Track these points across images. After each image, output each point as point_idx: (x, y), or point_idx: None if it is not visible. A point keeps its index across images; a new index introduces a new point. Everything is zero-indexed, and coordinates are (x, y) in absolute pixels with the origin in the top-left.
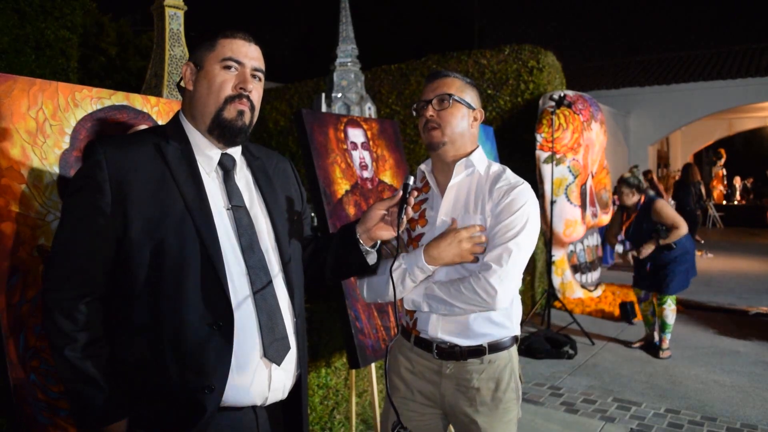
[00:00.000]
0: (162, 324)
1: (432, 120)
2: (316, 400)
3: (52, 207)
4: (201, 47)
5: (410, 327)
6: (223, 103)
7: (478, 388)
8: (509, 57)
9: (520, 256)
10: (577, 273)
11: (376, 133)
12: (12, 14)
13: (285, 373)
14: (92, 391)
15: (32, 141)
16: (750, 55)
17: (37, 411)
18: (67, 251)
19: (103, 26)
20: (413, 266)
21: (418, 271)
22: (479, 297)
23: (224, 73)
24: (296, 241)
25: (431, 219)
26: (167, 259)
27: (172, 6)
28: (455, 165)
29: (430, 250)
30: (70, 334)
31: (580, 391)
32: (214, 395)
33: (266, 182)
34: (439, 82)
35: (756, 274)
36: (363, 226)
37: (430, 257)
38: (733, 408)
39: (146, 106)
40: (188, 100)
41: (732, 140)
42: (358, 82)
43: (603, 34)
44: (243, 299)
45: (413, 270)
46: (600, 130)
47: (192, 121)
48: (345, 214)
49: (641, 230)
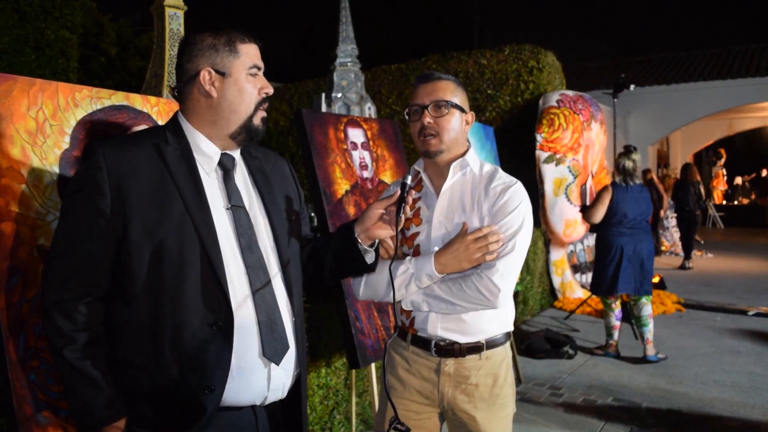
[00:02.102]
0: (162, 324)
1: (429, 127)
2: (316, 400)
3: (52, 207)
4: (218, 51)
5: (407, 326)
6: (254, 109)
7: (477, 384)
8: (509, 57)
9: (519, 253)
10: (577, 273)
11: (376, 133)
12: (12, 14)
13: (284, 373)
14: (92, 391)
15: (32, 141)
16: (750, 55)
17: (37, 411)
18: (67, 252)
19: (103, 26)
20: (422, 273)
21: (426, 278)
22: (482, 295)
23: (252, 80)
24: (295, 241)
25: (426, 218)
26: (167, 260)
27: (172, 6)
28: (450, 166)
29: (441, 257)
30: (70, 335)
31: (580, 391)
32: (213, 395)
33: (264, 182)
34: (434, 85)
35: (756, 274)
36: (361, 226)
37: (440, 265)
38: (733, 408)
39: (146, 106)
40: (205, 106)
41: (732, 140)
42: (358, 82)
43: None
44: (242, 299)
45: (421, 276)
46: (600, 130)
47: (205, 125)
48: (345, 214)
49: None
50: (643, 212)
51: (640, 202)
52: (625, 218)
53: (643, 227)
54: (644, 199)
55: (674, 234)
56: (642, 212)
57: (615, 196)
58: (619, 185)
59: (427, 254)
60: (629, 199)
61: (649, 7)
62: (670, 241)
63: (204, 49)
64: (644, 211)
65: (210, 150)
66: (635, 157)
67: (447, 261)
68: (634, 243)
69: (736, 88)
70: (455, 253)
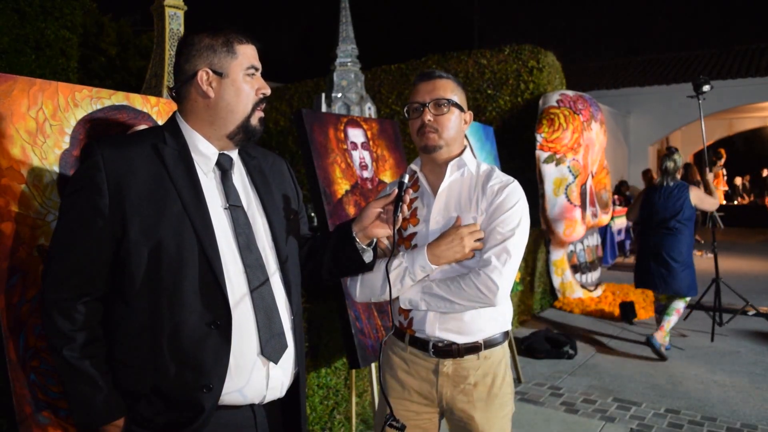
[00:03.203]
0: (160, 323)
1: (429, 124)
2: (316, 400)
3: (52, 207)
4: (216, 52)
5: (404, 326)
6: (251, 110)
7: (475, 384)
8: (509, 57)
9: (517, 251)
10: (577, 273)
11: (376, 133)
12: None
13: (283, 372)
14: (90, 391)
15: (32, 141)
16: (750, 55)
17: (37, 411)
18: (66, 252)
19: (103, 26)
20: (415, 265)
21: (419, 270)
22: (481, 293)
23: (249, 80)
24: (293, 240)
25: (423, 218)
26: (165, 259)
27: (172, 6)
28: (448, 165)
29: (433, 248)
30: (69, 334)
31: (580, 391)
32: (212, 394)
33: (263, 182)
34: (435, 83)
35: (756, 274)
36: (359, 225)
37: (433, 256)
38: (733, 408)
39: (146, 106)
40: (203, 106)
41: (732, 140)
42: (358, 82)
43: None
44: (241, 298)
45: (414, 269)
46: (600, 130)
47: (203, 125)
48: (345, 213)
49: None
50: (674, 211)
51: (671, 201)
52: (654, 217)
53: (673, 226)
54: (675, 198)
55: None
56: (672, 211)
57: (646, 196)
58: (654, 185)
59: (420, 247)
60: (660, 199)
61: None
62: None
63: (202, 50)
64: (674, 210)
65: (208, 150)
66: (676, 158)
67: (440, 252)
68: (658, 241)
69: (736, 88)
70: (450, 243)
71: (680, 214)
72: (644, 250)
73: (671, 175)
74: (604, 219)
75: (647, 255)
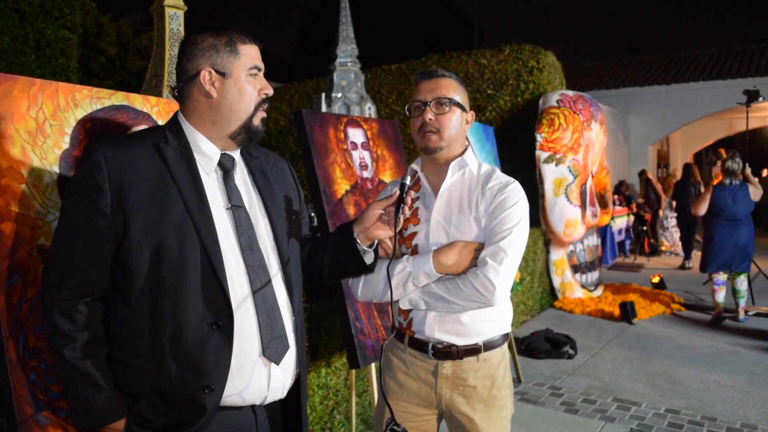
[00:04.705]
0: (162, 323)
1: (430, 124)
2: (316, 400)
3: (52, 207)
4: (219, 52)
5: (404, 328)
6: (254, 110)
7: (475, 386)
8: (509, 57)
9: (515, 252)
10: (577, 273)
11: (376, 133)
12: (12, 14)
13: (284, 372)
14: (91, 391)
15: (32, 141)
16: (750, 55)
17: (37, 411)
18: (67, 251)
19: (103, 26)
20: (420, 271)
21: (424, 277)
22: (478, 293)
23: (252, 80)
24: (295, 241)
25: (424, 218)
26: (167, 259)
27: (172, 6)
28: (449, 165)
29: (440, 257)
30: (70, 334)
31: (580, 391)
32: (213, 395)
33: (264, 182)
34: (437, 82)
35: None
36: (360, 226)
37: (439, 264)
38: (733, 408)
39: (146, 106)
40: (205, 106)
41: (732, 140)
42: (358, 82)
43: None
44: (242, 299)
45: (419, 275)
46: (600, 130)
47: (205, 125)
48: (345, 214)
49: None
50: (741, 207)
51: (737, 198)
52: (722, 211)
53: (740, 219)
54: (741, 196)
55: (674, 234)
56: (739, 207)
57: (714, 193)
58: (721, 184)
59: (425, 253)
60: (727, 196)
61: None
62: (670, 241)
63: (204, 50)
64: (741, 206)
65: (210, 150)
66: (738, 159)
67: (447, 260)
68: (729, 232)
69: (736, 88)
70: (460, 253)
71: (748, 208)
72: (719, 239)
73: (734, 175)
74: (604, 219)
75: (724, 243)
